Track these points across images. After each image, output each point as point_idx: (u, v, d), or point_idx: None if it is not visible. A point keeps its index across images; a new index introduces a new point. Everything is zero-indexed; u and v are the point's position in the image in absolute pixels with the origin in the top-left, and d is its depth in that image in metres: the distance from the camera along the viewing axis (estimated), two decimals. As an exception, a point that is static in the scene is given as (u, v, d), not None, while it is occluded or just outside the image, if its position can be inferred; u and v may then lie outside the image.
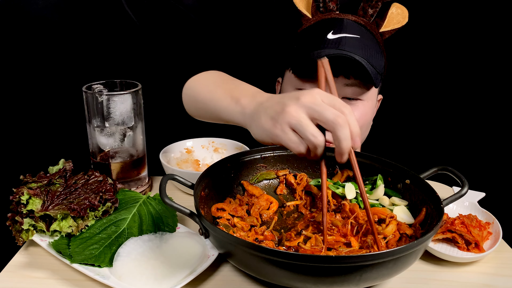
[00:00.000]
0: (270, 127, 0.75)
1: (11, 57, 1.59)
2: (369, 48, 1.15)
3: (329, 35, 1.15)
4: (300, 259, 0.69)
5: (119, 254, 0.86)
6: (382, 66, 1.18)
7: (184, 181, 0.91)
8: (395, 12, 1.22)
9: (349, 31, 1.15)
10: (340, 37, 1.14)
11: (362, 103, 1.19)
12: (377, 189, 1.00)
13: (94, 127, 1.11)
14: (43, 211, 0.91)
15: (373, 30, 1.20)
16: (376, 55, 1.16)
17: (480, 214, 1.02)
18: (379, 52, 1.18)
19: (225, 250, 0.80)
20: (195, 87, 1.08)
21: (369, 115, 1.23)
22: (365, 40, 1.16)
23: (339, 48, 1.11)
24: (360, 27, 1.19)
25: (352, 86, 1.15)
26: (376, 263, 0.70)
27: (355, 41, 1.13)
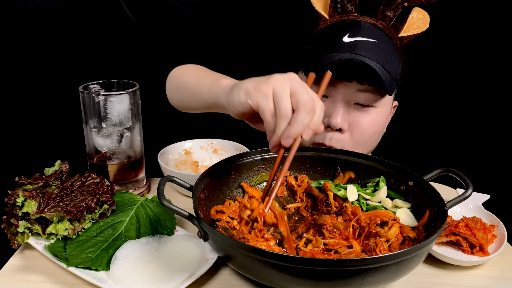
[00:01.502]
0: (253, 89, 0.80)
1: (6, 56, 1.59)
2: (385, 53, 1.12)
3: (344, 38, 1.12)
4: (301, 262, 0.69)
5: (116, 257, 0.86)
6: (398, 72, 1.15)
7: (183, 183, 0.91)
8: (415, 17, 1.19)
9: (366, 34, 1.13)
10: (356, 40, 1.11)
11: (375, 110, 1.16)
12: (379, 191, 1.00)
13: (91, 127, 1.11)
14: (38, 213, 0.92)
15: (392, 35, 1.17)
16: (392, 61, 1.13)
17: (484, 217, 1.02)
18: (396, 57, 1.15)
19: (225, 253, 0.80)
20: (178, 74, 1.17)
21: (382, 122, 1.19)
22: (382, 45, 1.13)
23: (354, 52, 1.09)
24: (378, 30, 1.16)
25: (366, 92, 1.13)
26: (379, 266, 0.70)
27: (371, 45, 1.11)
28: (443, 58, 1.62)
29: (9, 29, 1.56)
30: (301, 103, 0.77)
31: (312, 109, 0.77)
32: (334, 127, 1.14)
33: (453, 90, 1.65)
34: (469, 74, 1.63)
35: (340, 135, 1.16)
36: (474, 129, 1.67)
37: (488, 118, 1.66)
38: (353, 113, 1.15)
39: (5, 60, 1.60)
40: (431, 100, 1.68)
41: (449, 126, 1.69)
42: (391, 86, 1.10)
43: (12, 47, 1.58)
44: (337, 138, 1.16)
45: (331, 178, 1.09)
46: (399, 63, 1.16)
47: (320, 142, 1.17)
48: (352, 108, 1.15)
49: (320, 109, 0.79)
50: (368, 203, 1.00)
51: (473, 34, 1.57)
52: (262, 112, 0.80)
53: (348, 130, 1.16)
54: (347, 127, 1.15)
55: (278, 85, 0.78)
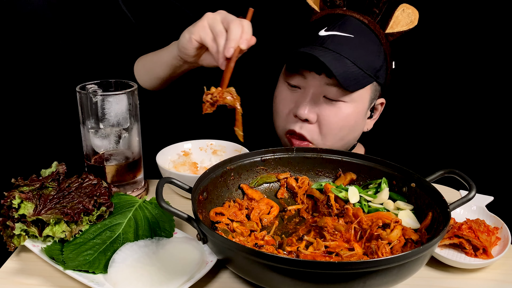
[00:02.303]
0: (192, 28, 1.07)
1: (1, 56, 1.59)
2: (361, 49, 1.17)
3: (321, 31, 1.18)
4: (302, 265, 0.69)
5: (114, 260, 0.86)
6: (376, 68, 1.18)
7: (182, 184, 0.91)
8: (403, 13, 1.21)
9: (343, 29, 1.17)
10: (330, 35, 1.17)
11: (345, 105, 1.20)
12: (381, 193, 1.00)
13: (88, 128, 1.11)
14: (35, 215, 0.92)
15: (377, 31, 1.20)
16: (369, 56, 1.17)
17: (488, 219, 1.02)
18: (377, 53, 1.19)
19: (224, 256, 0.80)
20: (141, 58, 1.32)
21: (352, 117, 1.22)
22: (359, 40, 1.17)
23: (323, 45, 1.15)
24: (362, 26, 1.19)
25: (333, 86, 1.17)
26: (381, 269, 0.70)
27: (344, 40, 1.16)
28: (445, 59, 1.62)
29: (4, 28, 1.56)
30: (230, 22, 1.01)
31: (240, 24, 1.01)
32: (300, 117, 1.20)
33: (456, 90, 1.65)
34: (473, 74, 1.63)
35: (309, 125, 1.22)
36: (477, 130, 1.68)
37: (491, 119, 1.66)
38: (322, 106, 1.20)
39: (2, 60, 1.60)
40: (434, 101, 1.68)
41: (452, 127, 1.69)
42: (358, 81, 1.15)
43: (8, 46, 1.58)
44: (306, 128, 1.22)
45: (332, 180, 1.09)
46: (379, 59, 1.19)
47: (291, 129, 1.24)
48: (321, 101, 1.20)
49: (247, 24, 1.03)
50: (369, 205, 1.00)
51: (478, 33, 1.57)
52: (204, 40, 1.04)
53: (316, 122, 1.21)
54: (314, 119, 1.21)
55: (210, 17, 1.04)
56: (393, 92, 1.36)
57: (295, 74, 1.22)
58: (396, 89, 1.53)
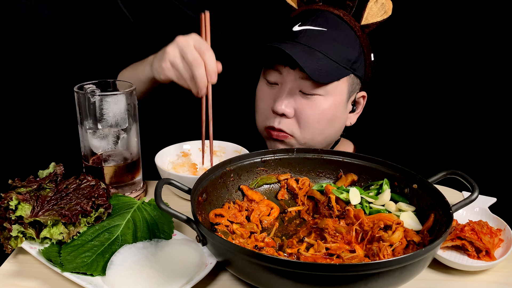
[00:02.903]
0: (158, 66, 1.11)
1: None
2: (335, 41, 1.21)
3: (295, 27, 1.23)
4: (303, 267, 0.70)
5: (113, 262, 0.87)
6: (351, 60, 1.22)
7: (181, 185, 0.92)
8: (376, 4, 1.24)
9: (316, 23, 1.22)
10: (303, 29, 1.21)
11: (321, 98, 1.23)
12: (383, 194, 1.00)
13: (86, 129, 1.11)
14: (32, 217, 0.92)
15: (352, 23, 1.24)
16: (343, 49, 1.21)
17: (491, 220, 1.02)
18: (353, 46, 1.23)
19: (224, 258, 0.80)
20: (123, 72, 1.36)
21: (331, 110, 1.25)
22: (332, 33, 1.21)
23: (295, 40, 1.20)
24: (337, 20, 1.24)
25: (307, 79, 1.20)
26: (382, 271, 0.70)
27: (317, 33, 1.20)
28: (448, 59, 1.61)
29: (1, 27, 1.56)
30: (189, 63, 1.04)
31: (199, 62, 1.04)
32: (278, 112, 1.24)
33: (459, 90, 1.65)
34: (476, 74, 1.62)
35: (288, 120, 1.25)
36: (480, 130, 1.67)
37: (494, 120, 1.66)
38: (298, 100, 1.24)
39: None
40: (436, 101, 1.68)
41: (454, 127, 1.69)
42: (330, 74, 1.18)
43: (5, 46, 1.58)
44: (285, 123, 1.25)
45: (333, 181, 1.10)
46: (354, 51, 1.23)
47: (270, 125, 1.27)
48: (298, 95, 1.24)
49: (209, 54, 1.05)
50: (371, 207, 1.00)
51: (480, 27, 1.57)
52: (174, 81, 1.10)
53: (294, 116, 1.25)
54: (292, 113, 1.24)
55: (170, 57, 1.07)
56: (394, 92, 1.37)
57: (271, 70, 1.27)
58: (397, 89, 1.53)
